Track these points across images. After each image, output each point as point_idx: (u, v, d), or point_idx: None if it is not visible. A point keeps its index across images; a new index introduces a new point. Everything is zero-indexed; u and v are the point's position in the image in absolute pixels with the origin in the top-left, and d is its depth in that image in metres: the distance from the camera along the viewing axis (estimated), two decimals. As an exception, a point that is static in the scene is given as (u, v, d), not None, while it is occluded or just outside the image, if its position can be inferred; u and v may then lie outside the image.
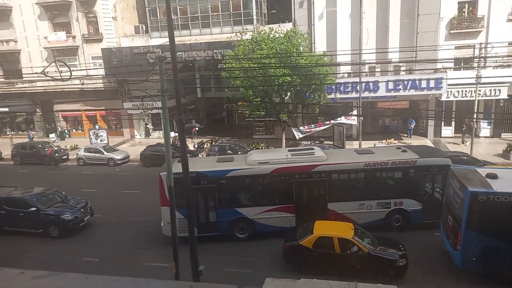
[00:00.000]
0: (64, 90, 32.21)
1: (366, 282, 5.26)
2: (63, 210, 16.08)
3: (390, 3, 26.94)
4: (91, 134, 31.63)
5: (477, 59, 22.26)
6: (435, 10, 26.17)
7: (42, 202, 16.30)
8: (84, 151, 27.33)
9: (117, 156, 26.97)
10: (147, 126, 34.86)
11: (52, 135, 35.33)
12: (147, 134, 34.84)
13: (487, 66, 23.51)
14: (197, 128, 30.31)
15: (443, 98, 26.55)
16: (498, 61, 23.09)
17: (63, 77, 9.19)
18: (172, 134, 28.27)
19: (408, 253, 11.92)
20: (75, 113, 35.56)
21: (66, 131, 36.04)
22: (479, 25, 26.00)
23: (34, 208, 15.83)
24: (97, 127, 33.14)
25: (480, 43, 23.09)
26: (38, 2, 33.22)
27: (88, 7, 33.00)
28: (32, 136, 34.33)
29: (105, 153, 26.79)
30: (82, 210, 16.46)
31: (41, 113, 36.45)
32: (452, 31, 26.34)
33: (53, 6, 33.28)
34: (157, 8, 32.72)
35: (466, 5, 26.52)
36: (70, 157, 28.58)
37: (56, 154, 27.28)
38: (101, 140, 30.97)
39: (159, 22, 32.84)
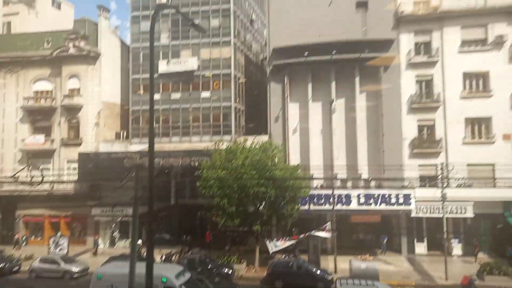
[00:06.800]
0: (30, 194, 30.92)
1: None
2: None
3: (357, 123, 29.42)
4: (50, 242, 29.32)
5: (440, 178, 23.64)
6: (397, 131, 28.71)
7: None
8: (39, 262, 24.88)
9: (74, 268, 24.57)
10: (114, 234, 32.89)
11: None
12: (112, 244, 32.65)
13: (450, 186, 24.85)
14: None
15: (413, 214, 27.09)
16: (460, 180, 24.66)
17: (33, 182, 8.94)
18: (139, 241, 26.69)
19: None
20: (38, 218, 33.59)
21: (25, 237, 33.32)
22: (438, 147, 28.35)
23: None
24: (58, 234, 30.78)
25: (441, 163, 24.83)
26: (24, 106, 34.19)
27: (73, 113, 33.96)
28: None
29: (62, 264, 24.44)
30: None
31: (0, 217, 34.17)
32: (414, 151, 28.50)
33: (38, 111, 34.18)
34: (141, 116, 34.41)
35: (425, 128, 29.33)
36: (22, 268, 25.80)
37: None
38: (60, 249, 28.65)
39: (140, 129, 34.16)
